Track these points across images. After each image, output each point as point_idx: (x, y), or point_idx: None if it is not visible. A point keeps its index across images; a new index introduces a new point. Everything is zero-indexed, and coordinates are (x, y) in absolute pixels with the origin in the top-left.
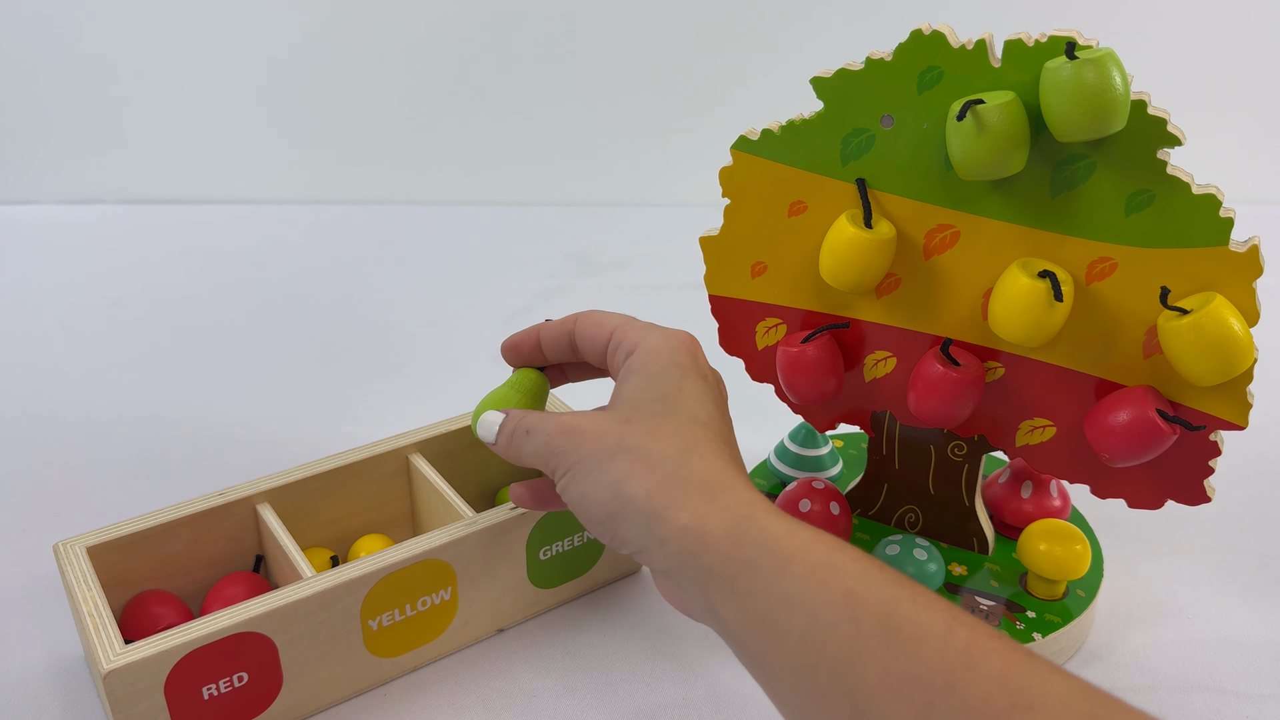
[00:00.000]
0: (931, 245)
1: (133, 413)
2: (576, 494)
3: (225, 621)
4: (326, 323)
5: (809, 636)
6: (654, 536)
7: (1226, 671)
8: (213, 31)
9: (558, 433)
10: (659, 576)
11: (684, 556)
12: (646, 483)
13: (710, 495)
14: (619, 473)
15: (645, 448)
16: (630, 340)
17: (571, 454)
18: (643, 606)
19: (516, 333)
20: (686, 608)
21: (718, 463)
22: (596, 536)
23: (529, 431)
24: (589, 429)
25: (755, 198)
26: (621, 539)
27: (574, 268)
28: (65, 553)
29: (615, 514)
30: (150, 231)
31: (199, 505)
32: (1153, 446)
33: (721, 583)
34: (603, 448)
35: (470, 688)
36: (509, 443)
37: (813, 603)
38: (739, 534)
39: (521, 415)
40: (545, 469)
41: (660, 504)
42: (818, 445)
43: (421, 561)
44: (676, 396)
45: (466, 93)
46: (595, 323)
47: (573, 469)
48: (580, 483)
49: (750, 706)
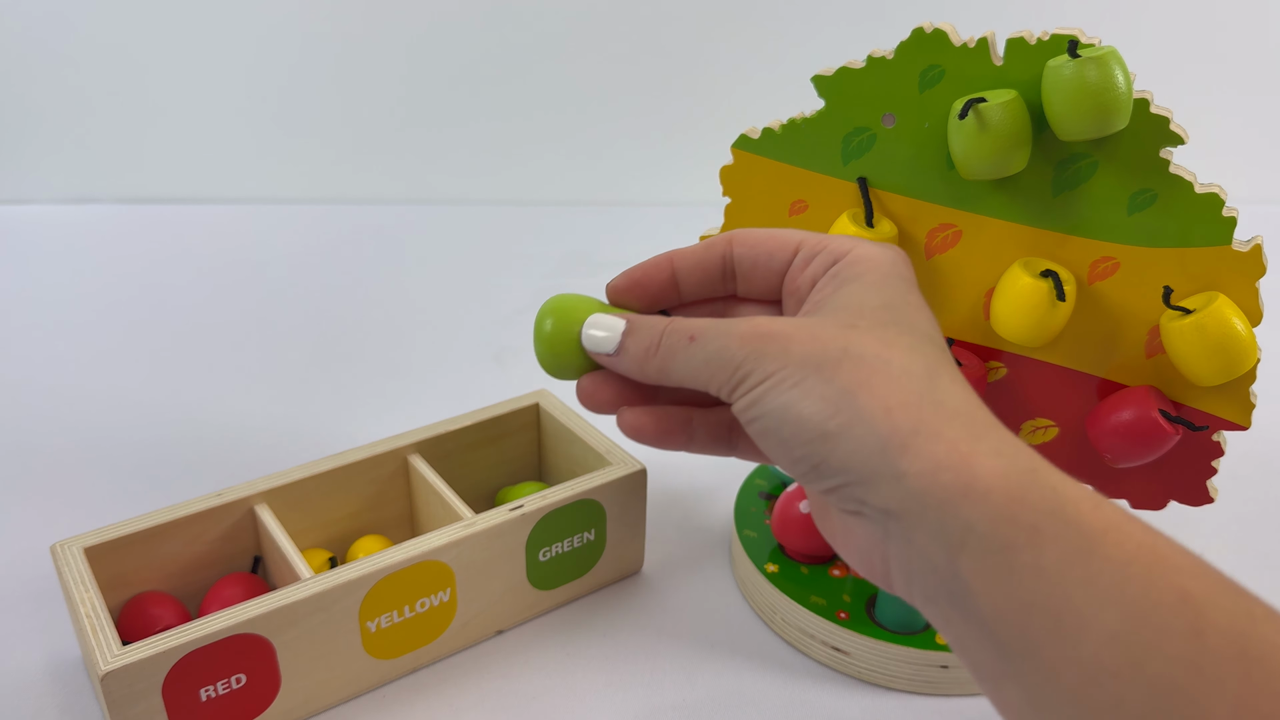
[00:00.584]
0: (933, 244)
1: (130, 413)
2: (776, 406)
3: (223, 623)
4: (325, 323)
5: (1124, 642)
6: (888, 466)
7: None
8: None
9: (750, 337)
10: (845, 512)
11: (930, 500)
12: (888, 396)
13: (974, 430)
14: (847, 381)
15: (882, 357)
16: (836, 248)
17: (773, 358)
18: (643, 608)
19: (632, 269)
20: (875, 558)
21: (971, 395)
22: (786, 465)
23: (695, 338)
24: (795, 332)
25: (756, 196)
26: (834, 466)
27: (574, 268)
28: (63, 554)
29: (835, 433)
30: (148, 231)
31: (197, 506)
32: (1155, 447)
33: (987, 548)
34: (820, 351)
35: (469, 690)
36: (652, 353)
37: (1134, 599)
38: (1021, 489)
39: (670, 320)
40: (714, 384)
41: (906, 426)
42: None
43: (420, 563)
44: (905, 309)
45: (466, 92)
46: (765, 237)
47: (774, 375)
48: (786, 393)
49: (750, 709)
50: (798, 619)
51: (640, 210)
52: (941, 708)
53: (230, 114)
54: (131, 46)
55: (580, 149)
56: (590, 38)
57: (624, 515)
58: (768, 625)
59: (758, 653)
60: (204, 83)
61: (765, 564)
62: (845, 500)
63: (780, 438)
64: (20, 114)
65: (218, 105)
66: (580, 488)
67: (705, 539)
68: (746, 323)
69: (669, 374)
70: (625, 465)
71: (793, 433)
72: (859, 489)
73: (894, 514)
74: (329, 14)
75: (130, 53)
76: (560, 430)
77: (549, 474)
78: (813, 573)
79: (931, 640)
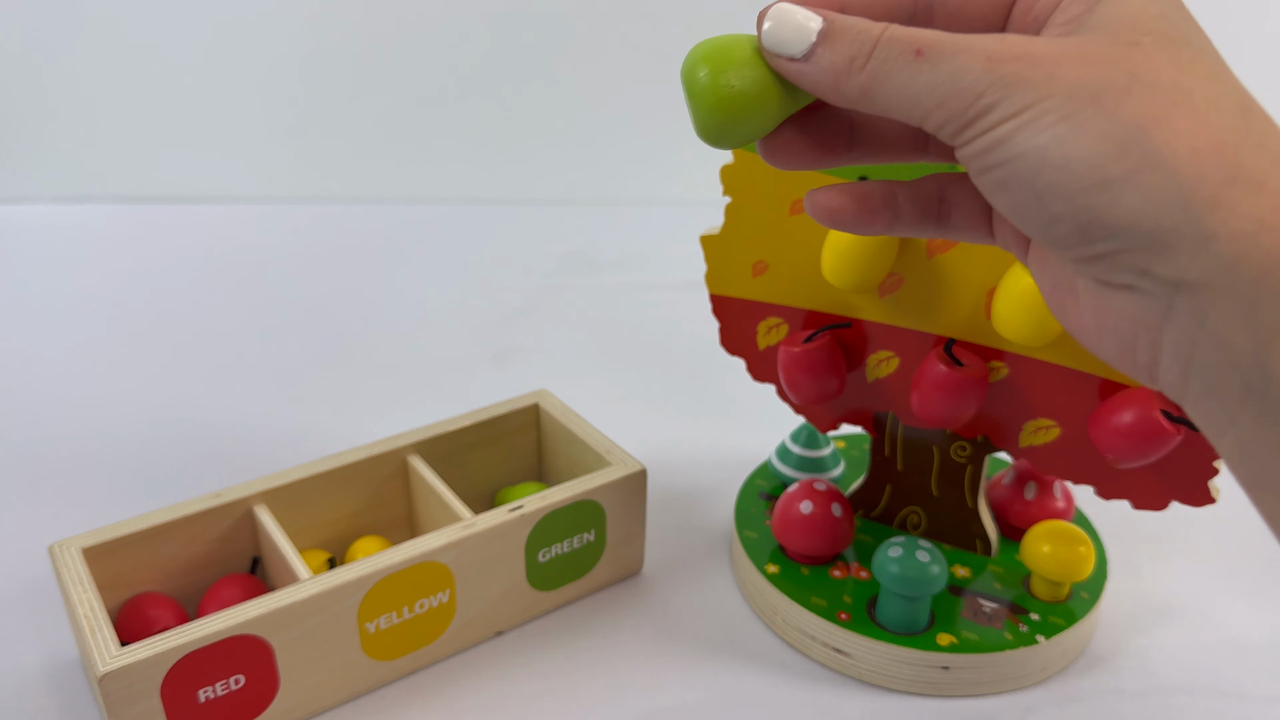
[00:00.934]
0: (934, 244)
1: (128, 413)
2: (1033, 148)
3: (222, 624)
4: (325, 322)
5: None
6: (1192, 226)
7: (1231, 674)
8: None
9: (1001, 58)
10: (1107, 286)
11: (1244, 271)
12: (1193, 135)
13: None
14: (1137, 114)
15: (1181, 85)
16: None
17: (1034, 86)
18: (643, 609)
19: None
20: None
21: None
22: (1035, 225)
23: (922, 52)
24: (1061, 53)
25: (756, 195)
26: (1111, 224)
27: (574, 267)
28: (60, 554)
29: (1119, 180)
30: (148, 231)
31: (195, 506)
32: (1157, 447)
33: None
34: (1099, 78)
35: (468, 691)
36: (859, 65)
37: None
38: None
39: (887, 25)
40: (938, 116)
41: (1218, 174)
42: (819, 446)
43: (419, 564)
44: (1186, 22)
45: (466, 92)
46: None
47: (1033, 108)
48: (1050, 129)
49: (750, 710)
50: (798, 620)
51: (640, 210)
52: (942, 709)
53: (231, 114)
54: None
55: (580, 148)
56: (590, 37)
57: (624, 516)
58: (768, 626)
59: (758, 654)
60: (205, 83)
61: (766, 565)
62: (1116, 270)
63: (1034, 189)
64: (21, 114)
65: (219, 105)
66: (580, 488)
67: (705, 540)
68: (993, 39)
69: (875, 97)
70: (625, 466)
71: (1056, 181)
72: (1143, 255)
73: (1189, 287)
74: (329, 14)
75: (132, 53)
76: (560, 430)
77: (549, 474)
78: (813, 574)
79: (932, 641)
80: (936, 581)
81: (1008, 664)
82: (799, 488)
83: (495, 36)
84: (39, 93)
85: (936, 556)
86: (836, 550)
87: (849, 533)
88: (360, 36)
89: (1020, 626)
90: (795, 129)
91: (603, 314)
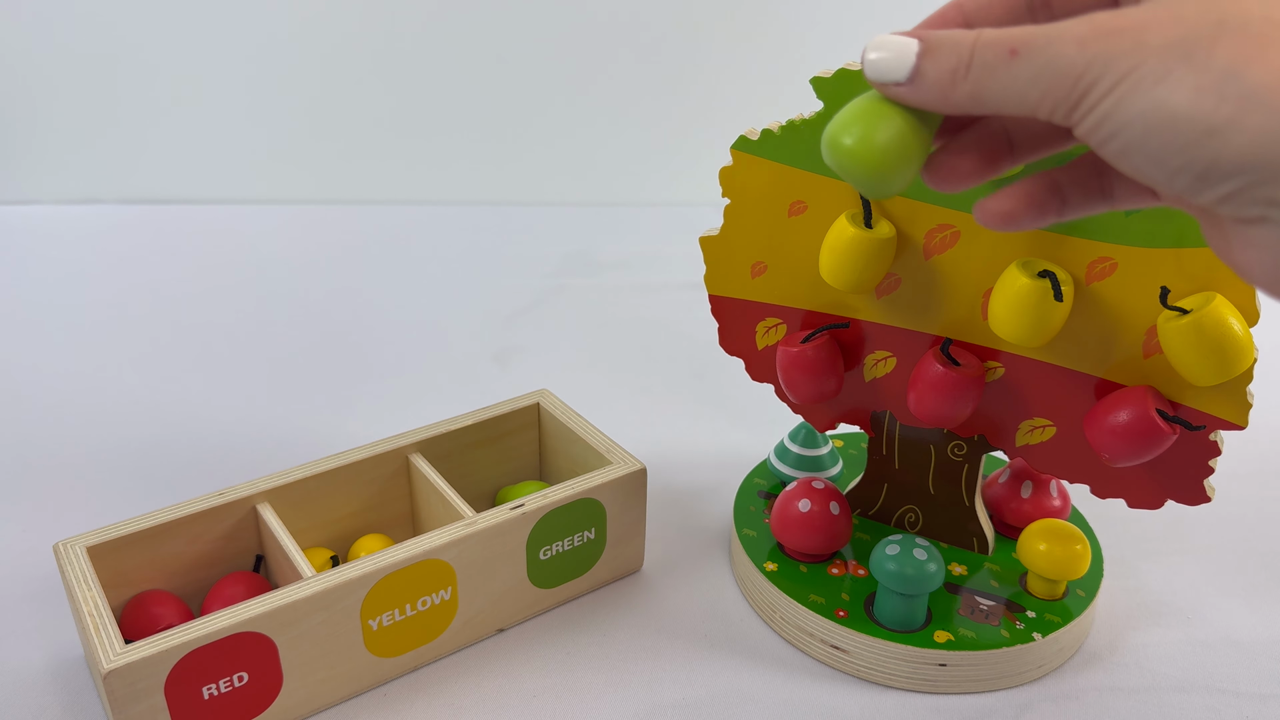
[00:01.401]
0: (931, 245)
1: (132, 412)
2: (1137, 114)
3: (225, 621)
4: (326, 323)
5: None
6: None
7: (1227, 671)
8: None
9: (1091, 37)
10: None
11: None
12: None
13: None
14: (1229, 58)
15: (1271, 18)
16: None
17: (1126, 55)
18: (643, 606)
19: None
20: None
21: None
22: (1164, 182)
23: (1017, 51)
24: (1149, 18)
25: (755, 197)
26: (1226, 167)
27: (574, 268)
28: (65, 552)
29: (1223, 124)
30: (150, 231)
31: (199, 505)
32: (1153, 446)
33: None
34: (1186, 32)
35: (470, 688)
36: (961, 75)
37: None
38: None
39: (979, 32)
40: (1047, 104)
41: None
42: (817, 445)
43: (421, 561)
44: None
45: (466, 93)
46: None
47: (1129, 77)
48: (1148, 93)
49: (750, 707)
50: (797, 617)
51: (640, 210)
52: (939, 705)
53: (233, 115)
54: (136, 48)
55: (580, 149)
56: (591, 38)
57: (624, 514)
58: (767, 624)
59: (757, 651)
60: (207, 85)
61: (764, 562)
62: (1247, 206)
63: (1149, 151)
64: (25, 115)
65: (220, 107)
66: (580, 487)
67: (705, 538)
68: (1082, 22)
69: (984, 99)
70: (625, 464)
71: (1167, 140)
72: (1265, 188)
73: None
74: (330, 15)
75: (134, 54)
76: (560, 430)
77: (549, 473)
78: (811, 571)
79: (929, 639)
80: (934, 579)
81: (1004, 661)
82: (797, 486)
83: (496, 37)
84: (41, 94)
85: (934, 554)
86: (834, 548)
87: (847, 531)
88: (361, 38)
89: (1017, 624)
90: (957, 154)
91: (603, 314)
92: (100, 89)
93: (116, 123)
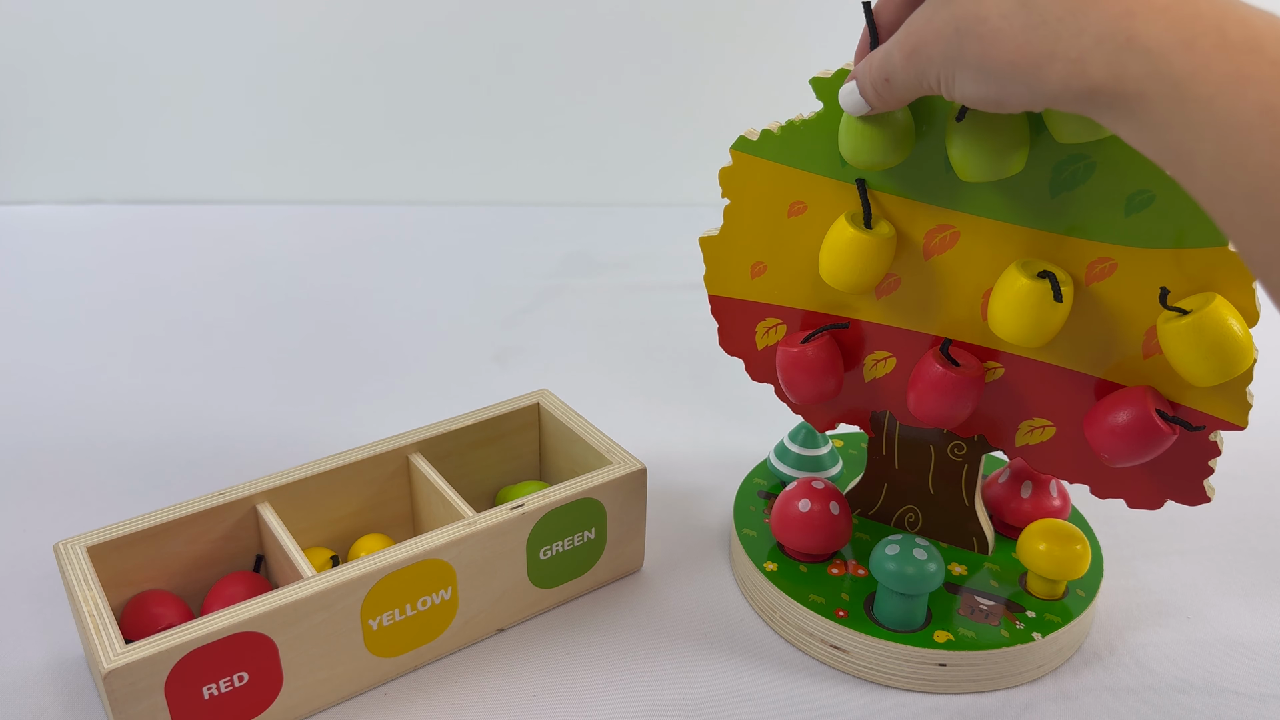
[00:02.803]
0: (931, 245)
1: (133, 413)
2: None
3: (225, 621)
4: (326, 323)
5: (1221, 165)
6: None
7: (1226, 671)
8: (213, 31)
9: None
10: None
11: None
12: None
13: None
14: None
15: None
16: None
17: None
18: (643, 606)
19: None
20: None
21: None
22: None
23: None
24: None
25: (755, 198)
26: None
27: (574, 268)
28: (66, 552)
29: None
30: (150, 231)
31: (199, 505)
32: (1152, 447)
33: (1117, 118)
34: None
35: (470, 687)
36: (882, 88)
37: (1219, 124)
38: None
39: (866, 61)
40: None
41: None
42: (817, 445)
43: (422, 561)
44: None
45: (466, 93)
46: None
47: (941, 80)
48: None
49: (749, 706)
50: (797, 617)
51: (640, 211)
52: (939, 705)
53: (235, 116)
54: (137, 49)
55: (580, 149)
56: (591, 39)
57: (624, 514)
58: (767, 623)
59: (757, 651)
60: (207, 85)
61: (764, 562)
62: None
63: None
64: (25, 115)
65: (221, 107)
66: (580, 487)
67: (705, 538)
68: (898, 43)
69: (903, 96)
70: (625, 465)
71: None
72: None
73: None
74: (331, 16)
75: (135, 55)
76: (560, 430)
77: (549, 473)
78: (811, 571)
79: (929, 638)
80: (933, 579)
81: (1004, 661)
82: (797, 486)
83: (497, 38)
84: (41, 94)
85: (933, 554)
86: (834, 548)
87: (847, 531)
88: (362, 38)
89: (1016, 624)
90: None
91: (603, 314)
92: (101, 89)
93: (117, 123)
